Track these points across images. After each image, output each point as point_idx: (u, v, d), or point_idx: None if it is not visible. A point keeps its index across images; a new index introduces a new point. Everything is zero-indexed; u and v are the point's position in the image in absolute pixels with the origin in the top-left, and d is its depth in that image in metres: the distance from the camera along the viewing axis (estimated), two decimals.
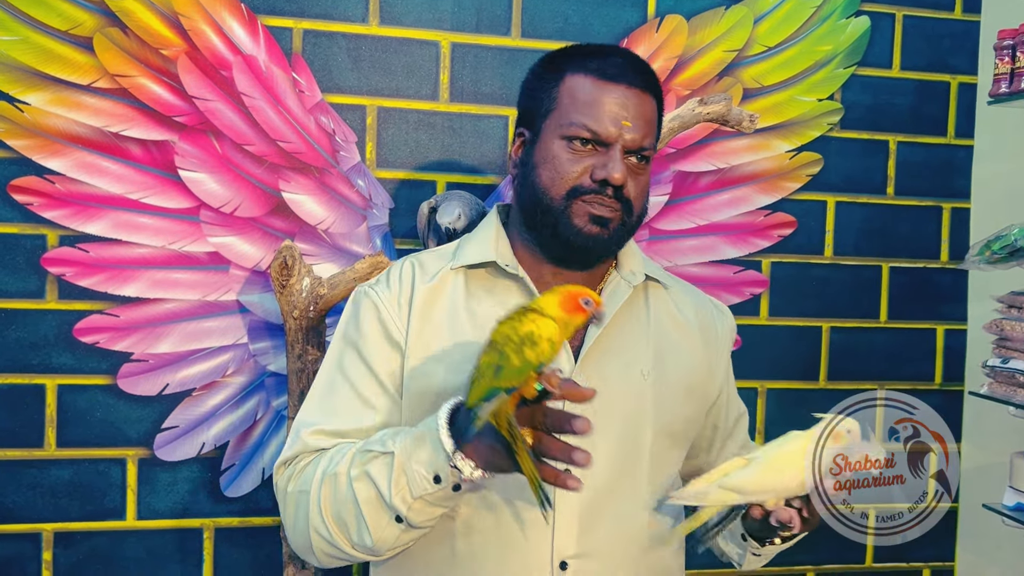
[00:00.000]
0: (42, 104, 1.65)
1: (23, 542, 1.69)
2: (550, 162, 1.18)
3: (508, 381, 0.94)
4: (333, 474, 1.11)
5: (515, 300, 1.20)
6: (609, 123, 1.15)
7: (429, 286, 1.22)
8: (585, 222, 1.16)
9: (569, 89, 1.18)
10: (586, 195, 1.16)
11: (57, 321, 1.68)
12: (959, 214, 2.06)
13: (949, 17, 2.03)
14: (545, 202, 1.18)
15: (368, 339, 1.22)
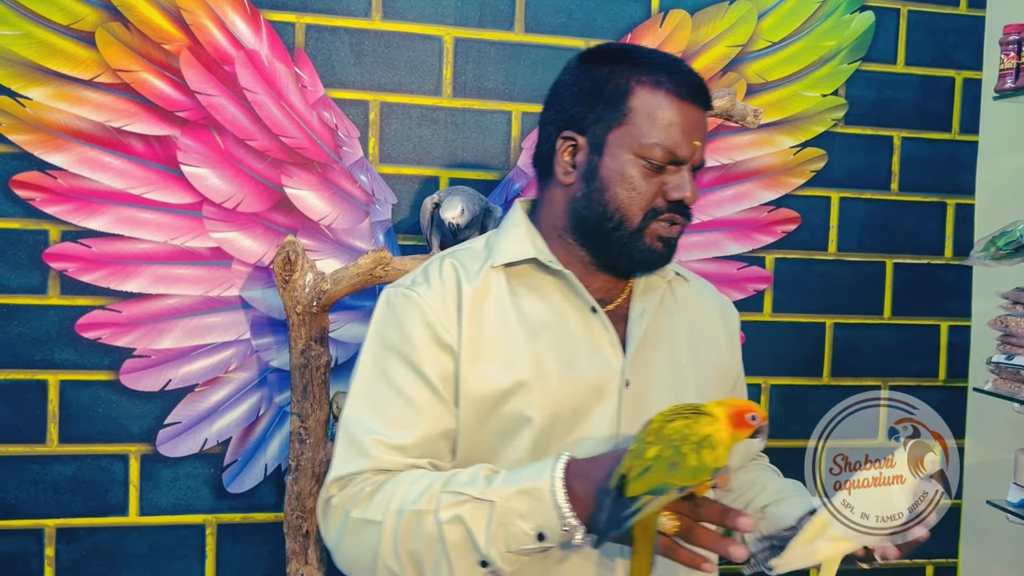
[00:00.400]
0: (44, 99, 1.64)
1: (26, 538, 1.69)
2: (626, 181, 1.14)
3: (683, 480, 0.93)
4: (415, 511, 1.05)
5: (558, 297, 1.19)
6: (686, 145, 1.13)
7: (475, 286, 1.18)
8: (654, 241, 1.16)
9: (644, 105, 1.14)
10: (662, 215, 1.15)
11: (59, 317, 1.68)
12: (963, 210, 2.05)
13: (954, 12, 2.02)
14: (618, 219, 1.15)
15: (414, 343, 1.15)
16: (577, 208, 1.19)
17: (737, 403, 0.98)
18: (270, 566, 1.78)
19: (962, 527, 2.08)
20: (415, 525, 1.05)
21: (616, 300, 1.22)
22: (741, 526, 0.92)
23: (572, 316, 1.18)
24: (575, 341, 1.16)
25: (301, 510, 1.62)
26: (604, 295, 1.21)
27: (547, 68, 1.84)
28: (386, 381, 1.15)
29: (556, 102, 1.22)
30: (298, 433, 1.61)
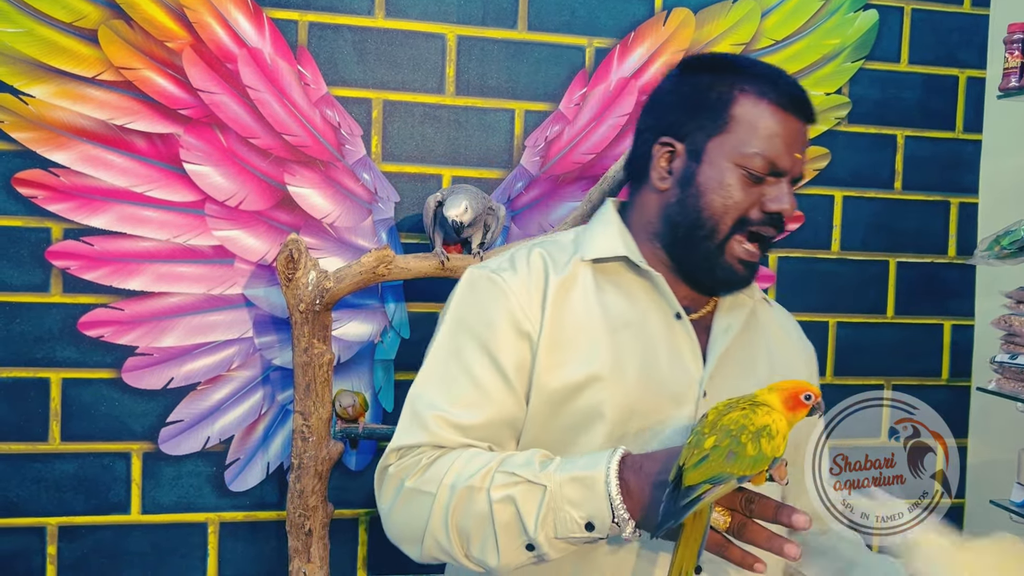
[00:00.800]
0: (47, 97, 1.64)
1: (28, 536, 1.69)
2: (723, 188, 1.12)
3: (741, 469, 0.92)
4: (468, 487, 1.06)
5: (644, 298, 1.17)
6: (787, 156, 1.12)
7: (562, 277, 1.17)
8: (735, 261, 1.14)
9: (747, 114, 1.13)
10: (752, 227, 1.13)
11: (62, 315, 1.68)
12: (967, 209, 2.05)
13: (958, 11, 2.02)
14: (709, 227, 1.13)
15: (491, 327, 1.15)
16: (670, 214, 1.17)
17: (787, 385, 0.97)
18: (272, 564, 1.78)
19: (965, 527, 2.08)
20: (467, 501, 1.05)
21: (700, 310, 1.20)
22: (796, 523, 0.90)
23: (656, 318, 1.17)
24: (656, 343, 1.15)
25: (303, 508, 1.62)
26: (689, 303, 1.20)
27: (550, 66, 1.84)
28: (459, 362, 1.15)
29: (654, 109, 1.21)
30: (301, 431, 1.61)
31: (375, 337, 1.79)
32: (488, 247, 1.70)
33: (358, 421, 1.69)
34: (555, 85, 1.84)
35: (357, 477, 1.80)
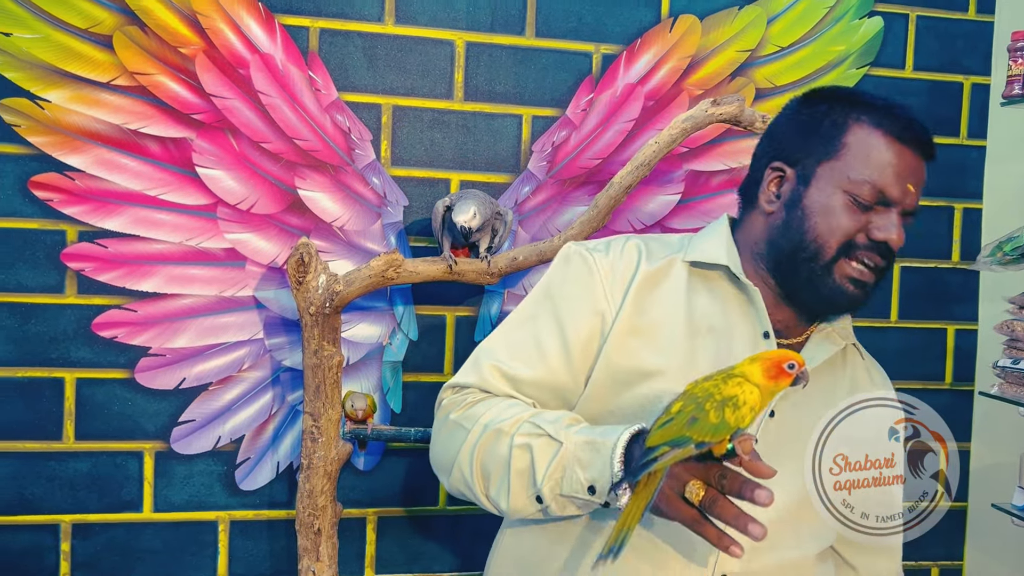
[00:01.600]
0: (62, 101, 1.67)
1: (42, 533, 1.71)
2: (830, 214, 1.14)
3: (701, 435, 0.93)
4: (497, 430, 1.11)
5: (736, 310, 1.19)
6: (898, 186, 1.12)
7: (653, 268, 1.20)
8: (848, 283, 1.14)
9: (860, 142, 1.14)
10: (857, 252, 1.14)
11: (76, 316, 1.71)
12: (971, 215, 2.06)
13: (963, 18, 2.03)
14: (813, 250, 1.15)
15: (569, 300, 1.20)
16: (774, 236, 1.19)
17: (771, 354, 0.98)
18: (282, 562, 1.80)
19: (967, 530, 2.09)
20: (493, 441, 1.11)
21: (793, 338, 1.21)
22: (759, 498, 0.90)
23: (742, 331, 1.18)
24: (735, 354, 1.15)
25: (313, 507, 1.64)
26: (783, 327, 1.21)
27: (557, 72, 1.86)
28: (532, 323, 1.21)
29: (771, 135, 1.24)
30: (310, 432, 1.64)
31: (384, 339, 1.82)
32: (496, 251, 1.72)
33: (367, 422, 1.71)
34: (562, 91, 1.86)
35: (365, 477, 1.83)
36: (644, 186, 1.88)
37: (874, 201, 1.12)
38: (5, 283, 1.68)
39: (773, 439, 1.16)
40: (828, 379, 1.23)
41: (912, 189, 1.13)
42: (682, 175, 1.92)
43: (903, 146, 1.13)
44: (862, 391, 1.23)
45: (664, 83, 1.90)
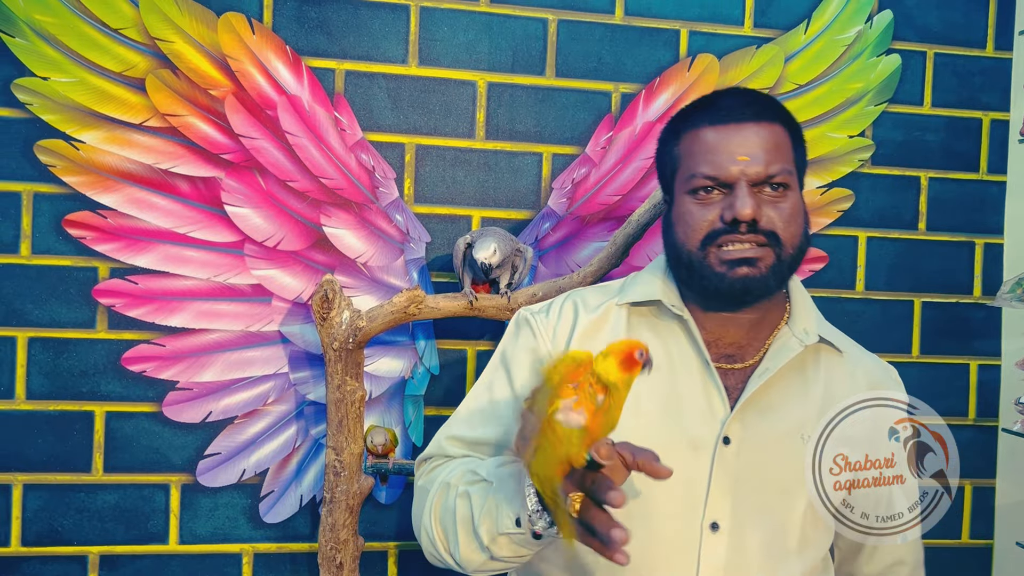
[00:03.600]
0: (96, 142, 1.72)
1: (71, 564, 1.74)
2: (683, 218, 1.18)
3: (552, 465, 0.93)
4: (446, 483, 1.16)
5: (676, 339, 1.21)
6: (726, 163, 1.14)
7: (592, 318, 1.24)
8: (729, 267, 1.15)
9: (688, 146, 1.19)
10: (721, 238, 1.15)
11: (106, 350, 1.75)
12: (992, 249, 2.06)
13: (981, 55, 2.05)
14: (684, 256, 1.18)
15: (517, 361, 1.25)
16: (668, 258, 1.24)
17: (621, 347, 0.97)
18: None
19: (994, 569, 2.07)
20: (444, 496, 1.15)
21: (749, 359, 1.22)
22: (611, 500, 0.89)
23: (687, 362, 1.19)
24: (681, 388, 1.17)
25: (335, 541, 1.66)
26: (736, 349, 1.22)
27: (577, 111, 1.89)
28: (487, 390, 1.28)
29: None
30: (333, 466, 1.66)
31: (406, 373, 1.84)
32: (515, 287, 1.75)
33: (388, 457, 1.73)
34: (582, 129, 1.89)
35: (387, 511, 1.85)
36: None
37: (712, 187, 1.15)
38: (39, 318, 1.72)
39: (731, 468, 1.15)
40: (797, 386, 1.21)
41: (746, 158, 1.14)
42: None
43: (724, 125, 1.16)
44: (842, 391, 1.21)
45: None
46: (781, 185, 1.16)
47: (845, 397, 1.19)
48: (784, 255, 1.16)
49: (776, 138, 1.17)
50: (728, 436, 1.15)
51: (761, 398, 1.18)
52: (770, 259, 1.15)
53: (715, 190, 1.16)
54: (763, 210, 1.14)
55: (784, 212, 1.16)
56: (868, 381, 1.26)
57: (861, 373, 1.26)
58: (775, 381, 1.19)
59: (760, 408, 1.17)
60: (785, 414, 1.18)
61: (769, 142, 1.16)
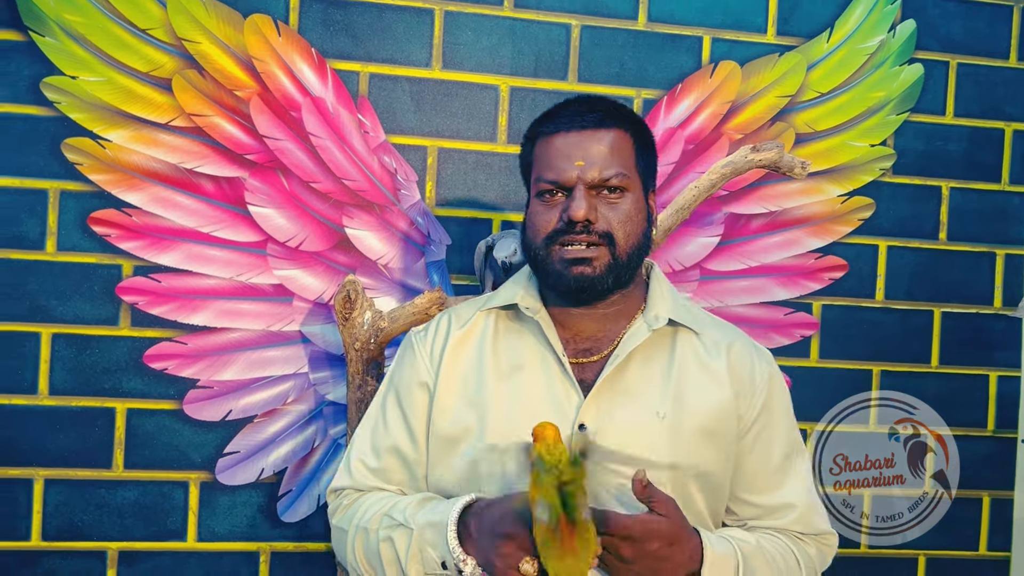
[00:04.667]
0: (122, 141, 1.74)
1: (90, 559, 1.76)
2: (530, 219, 1.28)
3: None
4: (364, 529, 1.25)
5: (533, 339, 1.29)
6: (564, 168, 1.23)
7: (462, 331, 1.33)
8: (565, 266, 1.23)
9: (537, 151, 1.29)
10: (561, 237, 1.23)
11: (129, 347, 1.76)
12: (1013, 260, 2.06)
13: (1004, 65, 2.05)
14: (531, 254, 1.28)
15: (404, 384, 1.34)
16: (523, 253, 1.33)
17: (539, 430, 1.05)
18: None
19: None
20: (364, 540, 1.24)
21: (604, 351, 1.29)
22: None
23: (543, 361, 1.27)
24: (537, 384, 1.25)
25: None
26: (592, 343, 1.29)
27: None
28: (381, 410, 1.36)
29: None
30: None
31: None
32: None
33: None
34: None
35: None
36: (684, 228, 1.90)
37: (554, 191, 1.24)
38: (63, 314, 1.74)
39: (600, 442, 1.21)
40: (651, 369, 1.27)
41: (582, 163, 1.22)
42: (721, 217, 1.94)
43: (562, 133, 1.25)
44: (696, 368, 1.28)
45: (704, 127, 1.93)
46: (618, 188, 1.24)
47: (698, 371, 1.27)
48: (619, 254, 1.24)
49: (615, 143, 1.25)
50: (583, 423, 1.22)
51: (615, 384, 1.24)
52: (605, 258, 1.23)
53: (558, 193, 1.24)
54: (599, 212, 1.23)
55: (620, 213, 1.24)
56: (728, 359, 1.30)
57: (720, 351, 1.31)
58: (627, 367, 1.26)
59: (614, 393, 1.24)
60: (640, 396, 1.24)
61: (606, 147, 1.24)
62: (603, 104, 1.30)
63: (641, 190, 1.29)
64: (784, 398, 1.36)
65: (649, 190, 1.32)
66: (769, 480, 1.31)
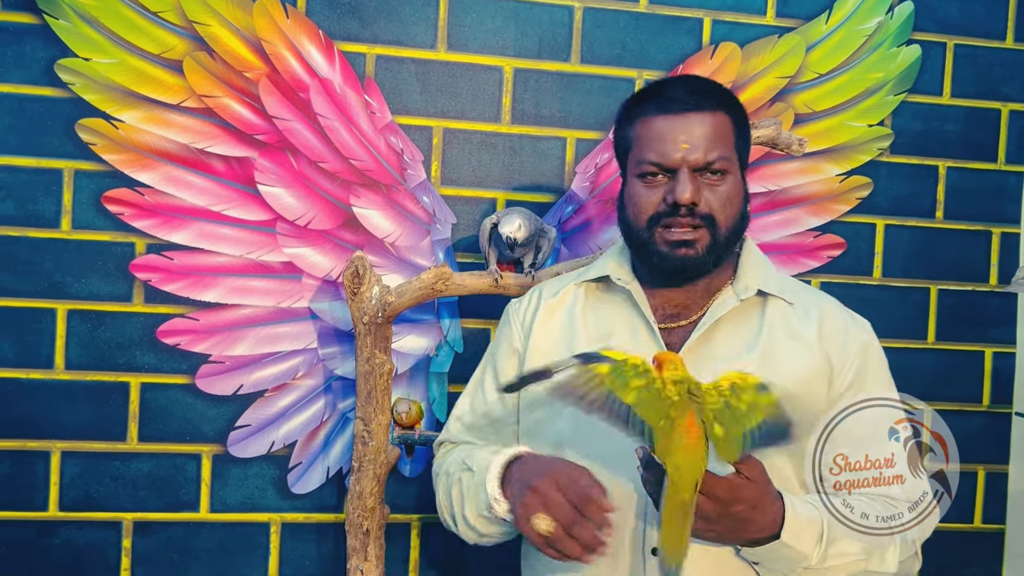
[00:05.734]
0: (135, 122, 1.78)
1: (106, 529, 1.80)
2: (632, 199, 1.31)
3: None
4: (447, 473, 1.37)
5: (624, 308, 1.34)
6: (670, 150, 1.26)
7: (552, 300, 1.41)
8: (669, 248, 1.27)
9: (639, 132, 1.31)
10: (664, 219, 1.27)
11: (142, 323, 1.80)
12: (1009, 238, 2.09)
13: (1000, 46, 2.07)
14: (633, 234, 1.32)
15: (500, 350, 1.45)
16: (622, 234, 1.37)
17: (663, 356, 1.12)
18: (329, 565, 1.87)
19: (1006, 553, 2.10)
20: (445, 483, 1.36)
21: (693, 315, 1.33)
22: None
23: (632, 328, 1.32)
24: (626, 347, 1.23)
25: (362, 508, 1.71)
26: (681, 308, 1.34)
27: (601, 97, 1.93)
28: (480, 377, 1.49)
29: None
30: (361, 436, 1.71)
31: (431, 350, 1.89)
32: (539, 267, 1.79)
33: (414, 428, 1.79)
34: (606, 114, 1.93)
35: (411, 483, 1.90)
36: None
37: (657, 172, 1.27)
38: (78, 291, 1.78)
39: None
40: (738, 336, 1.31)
41: (687, 146, 1.25)
42: None
43: (669, 114, 1.27)
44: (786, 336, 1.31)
45: None
46: (720, 171, 1.28)
47: (785, 340, 1.30)
48: (720, 236, 1.28)
49: (718, 126, 1.29)
50: None
51: (701, 348, 1.29)
52: (706, 240, 1.28)
53: (660, 175, 1.28)
54: (702, 194, 1.27)
55: (721, 196, 1.28)
56: (820, 328, 1.33)
57: (812, 321, 1.33)
58: (715, 333, 1.30)
59: (700, 358, 1.28)
60: (726, 361, 1.28)
61: (711, 129, 1.27)
62: (703, 85, 1.33)
63: (739, 171, 1.33)
64: (881, 367, 1.38)
65: (745, 169, 1.37)
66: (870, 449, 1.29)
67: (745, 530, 1.12)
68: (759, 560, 1.21)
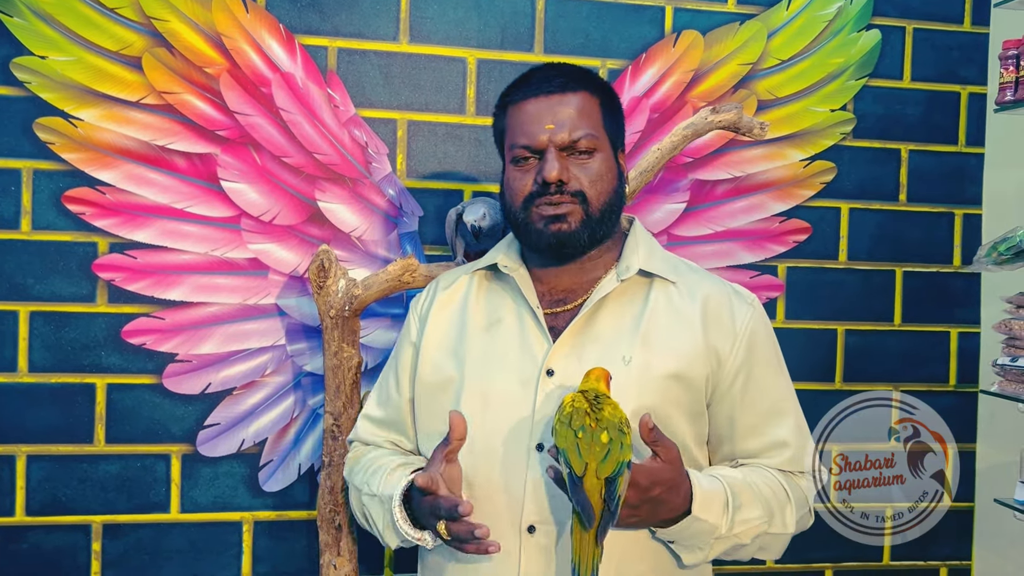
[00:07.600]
0: (94, 120, 1.76)
1: (74, 533, 1.78)
2: (509, 184, 1.36)
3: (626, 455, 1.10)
4: (357, 489, 1.41)
5: (510, 295, 1.39)
6: (536, 131, 1.31)
7: (447, 292, 1.45)
8: (544, 223, 1.31)
9: (509, 119, 1.36)
10: (537, 199, 1.31)
11: (107, 324, 1.78)
12: (971, 220, 2.11)
13: (958, 29, 2.10)
14: (512, 217, 1.36)
15: (400, 344, 1.49)
16: (504, 217, 1.43)
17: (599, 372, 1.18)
18: (302, 561, 1.86)
19: (975, 529, 2.12)
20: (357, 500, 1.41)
21: (579, 299, 1.37)
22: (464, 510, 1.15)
23: (518, 314, 1.36)
24: (513, 336, 1.34)
25: (334, 503, 1.70)
26: (567, 293, 1.38)
27: None
28: (385, 372, 1.52)
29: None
30: (331, 431, 1.70)
31: None
32: None
33: None
34: None
35: None
36: (651, 195, 1.95)
37: (527, 156, 1.32)
38: (40, 293, 1.76)
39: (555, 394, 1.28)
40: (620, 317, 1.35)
41: (551, 126, 1.30)
42: (687, 184, 1.99)
43: (530, 99, 1.33)
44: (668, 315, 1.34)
45: (668, 96, 1.97)
46: (588, 150, 1.32)
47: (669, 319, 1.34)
48: (592, 211, 1.32)
49: (583, 106, 1.33)
50: (551, 368, 1.30)
51: (584, 331, 1.33)
52: (579, 215, 1.31)
53: (531, 158, 1.32)
54: (571, 172, 1.31)
55: (591, 172, 1.32)
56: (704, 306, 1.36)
57: (696, 299, 1.36)
58: (598, 315, 1.34)
59: (583, 340, 1.32)
60: (608, 342, 1.32)
61: (574, 109, 1.32)
62: (568, 69, 1.37)
63: (610, 149, 1.36)
64: (770, 339, 1.41)
65: (619, 150, 1.39)
66: (762, 420, 1.35)
67: (663, 511, 1.18)
68: (674, 538, 1.25)
